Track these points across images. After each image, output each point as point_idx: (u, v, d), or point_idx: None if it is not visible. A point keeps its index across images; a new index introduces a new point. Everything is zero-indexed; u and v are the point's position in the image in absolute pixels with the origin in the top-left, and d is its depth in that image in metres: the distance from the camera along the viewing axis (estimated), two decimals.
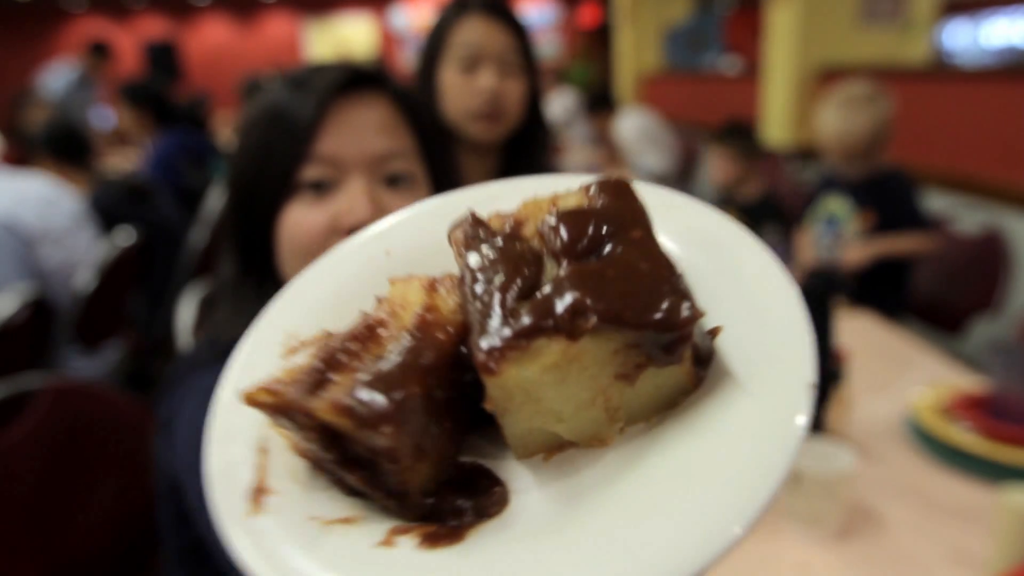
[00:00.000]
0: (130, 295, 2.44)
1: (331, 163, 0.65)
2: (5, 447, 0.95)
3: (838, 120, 2.03)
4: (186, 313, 1.37)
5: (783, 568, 0.85)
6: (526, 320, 0.21)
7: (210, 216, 2.68)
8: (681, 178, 4.16)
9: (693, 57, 6.17)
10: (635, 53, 6.94)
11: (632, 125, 4.20)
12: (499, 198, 0.30)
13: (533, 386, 0.22)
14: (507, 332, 0.21)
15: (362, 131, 0.66)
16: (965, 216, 2.22)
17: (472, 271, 0.23)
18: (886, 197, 2.03)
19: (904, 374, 1.36)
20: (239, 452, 0.25)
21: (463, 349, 0.23)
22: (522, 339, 0.21)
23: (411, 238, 0.31)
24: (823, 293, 0.97)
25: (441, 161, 0.74)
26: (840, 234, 2.09)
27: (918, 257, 2.04)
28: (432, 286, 0.25)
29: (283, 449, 0.25)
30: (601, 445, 0.23)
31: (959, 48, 7.55)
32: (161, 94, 3.48)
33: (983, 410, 1.07)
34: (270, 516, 0.23)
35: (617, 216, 0.24)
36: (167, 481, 0.72)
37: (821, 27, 3.72)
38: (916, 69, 3.25)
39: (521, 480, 0.23)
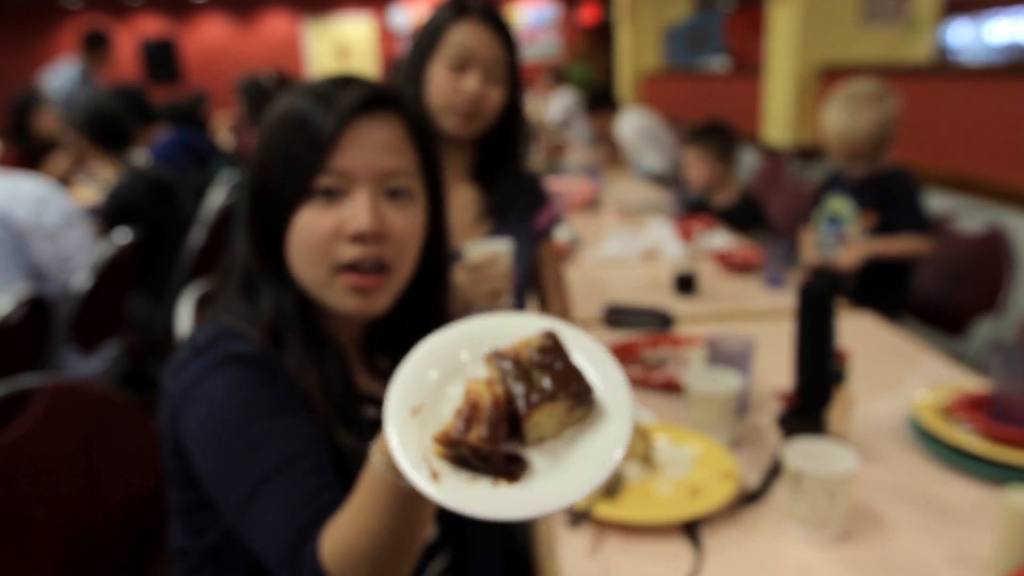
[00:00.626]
0: (130, 294, 2.43)
1: (343, 175, 0.73)
2: (3, 446, 0.95)
3: (842, 118, 1.99)
4: (186, 313, 1.36)
5: (784, 570, 0.85)
6: (536, 397, 0.52)
7: (209, 216, 2.67)
8: (680, 178, 4.15)
9: (694, 56, 6.16)
10: (635, 52, 6.93)
11: (632, 125, 4.19)
12: (496, 334, 0.58)
13: (540, 422, 0.53)
14: (532, 400, 0.52)
15: (374, 149, 0.74)
16: (968, 216, 2.21)
17: (507, 376, 0.53)
18: (888, 197, 2.01)
19: (906, 375, 1.35)
20: (414, 458, 0.51)
21: (510, 408, 0.53)
22: (536, 404, 0.52)
23: (448, 349, 0.59)
24: (825, 293, 0.97)
25: (437, 179, 0.83)
26: (842, 234, 2.08)
27: (916, 259, 2.02)
28: (490, 383, 0.54)
29: (435, 455, 0.52)
30: (557, 436, 0.54)
31: (961, 48, 7.54)
32: (138, 98, 3.42)
33: (985, 411, 1.06)
34: (444, 481, 0.50)
35: (556, 350, 0.55)
36: (174, 447, 0.77)
37: (822, 26, 3.72)
38: (918, 67, 3.25)
39: (531, 454, 0.53)
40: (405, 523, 0.60)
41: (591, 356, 0.56)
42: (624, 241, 2.25)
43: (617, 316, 1.62)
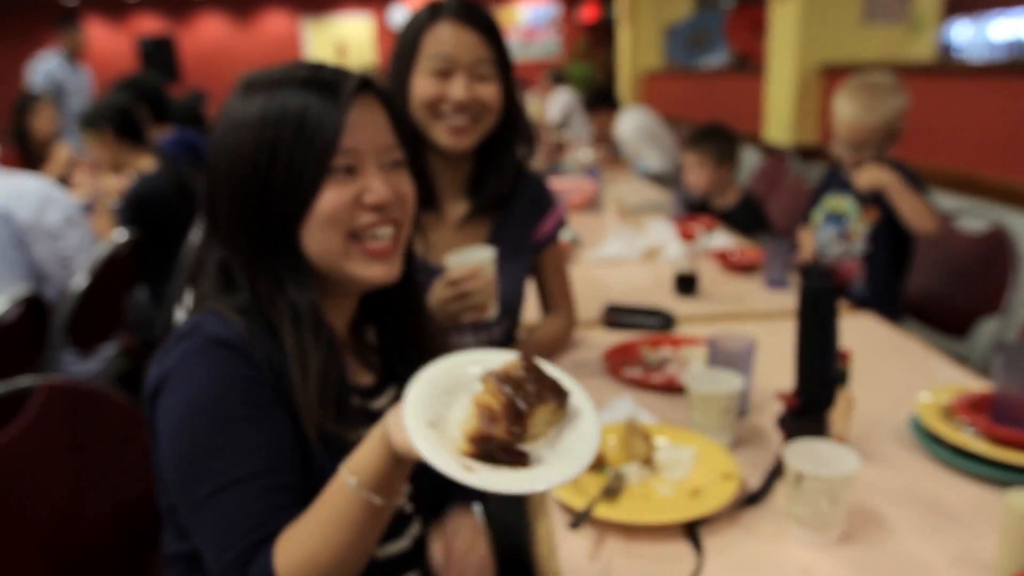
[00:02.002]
0: (130, 294, 2.41)
1: (354, 153, 0.81)
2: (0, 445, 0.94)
3: (855, 106, 1.95)
4: (183, 313, 1.35)
5: (785, 571, 0.84)
6: (533, 400, 0.65)
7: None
8: (680, 178, 4.13)
9: (694, 55, 6.15)
10: (635, 51, 6.92)
11: (631, 124, 4.18)
12: (479, 361, 0.72)
13: (534, 420, 0.65)
14: (530, 402, 0.65)
15: (372, 127, 0.83)
16: (971, 216, 2.20)
17: (504, 387, 0.65)
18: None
19: (907, 375, 1.35)
20: (446, 459, 0.61)
21: (513, 411, 0.65)
22: (534, 405, 0.65)
23: (443, 375, 0.70)
24: (827, 292, 0.96)
25: (415, 152, 0.92)
26: (846, 232, 2.07)
27: (918, 231, 1.92)
28: (493, 394, 0.65)
29: (461, 455, 0.63)
30: (545, 433, 0.67)
31: (964, 45, 7.52)
32: (156, 94, 3.41)
33: (987, 412, 1.06)
34: (476, 472, 0.61)
35: (534, 368, 0.67)
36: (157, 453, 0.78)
37: (823, 25, 3.70)
38: (920, 66, 3.23)
39: (531, 448, 0.65)
40: (368, 536, 0.69)
41: (555, 373, 0.70)
42: (624, 241, 2.24)
43: (617, 316, 1.62)
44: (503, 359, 0.70)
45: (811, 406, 0.99)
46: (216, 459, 0.71)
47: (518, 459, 0.63)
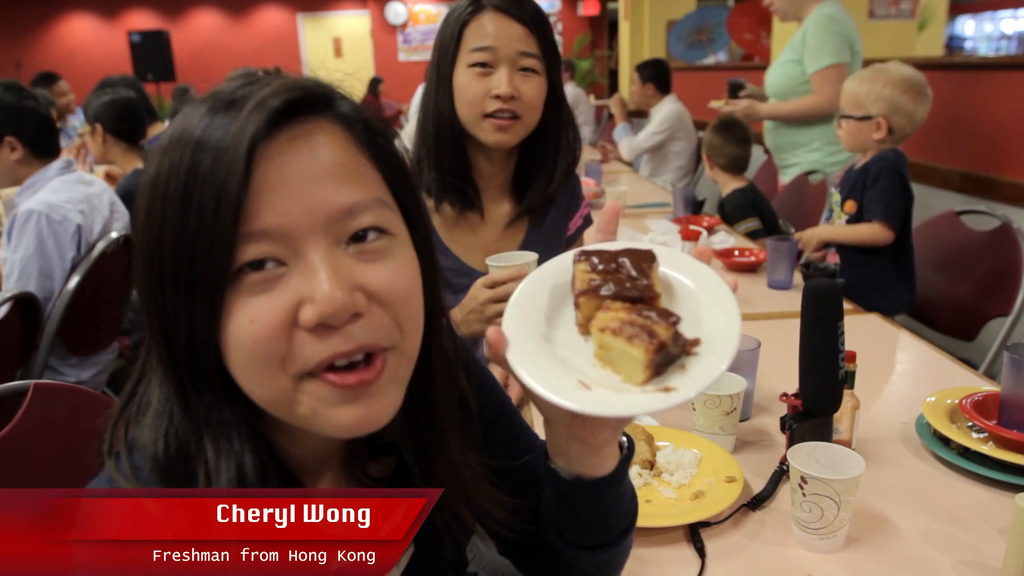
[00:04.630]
0: (126, 298, 2.37)
1: (277, 236, 0.47)
2: None
3: (863, 75, 1.97)
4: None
5: (788, 575, 0.83)
6: (645, 282, 0.57)
7: None
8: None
9: (697, 52, 6.11)
10: (635, 46, 6.90)
11: (673, 112, 4.12)
12: (555, 270, 0.63)
13: (661, 295, 0.58)
14: (647, 286, 0.57)
15: (310, 183, 0.48)
16: (980, 216, 2.17)
17: (606, 292, 0.57)
18: (866, 182, 1.98)
19: (913, 377, 1.34)
20: (654, 397, 0.51)
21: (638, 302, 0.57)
22: (650, 284, 0.57)
23: (546, 274, 0.63)
24: (832, 292, 0.95)
25: (417, 205, 0.56)
26: (830, 222, 2.09)
27: (872, 246, 1.97)
28: (596, 306, 0.57)
29: (643, 387, 0.52)
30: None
31: (970, 40, 7.49)
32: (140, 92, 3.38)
33: (995, 414, 1.05)
34: (679, 387, 0.51)
35: (604, 255, 0.60)
36: None
37: None
38: (924, 61, 3.21)
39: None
40: None
41: (617, 245, 0.63)
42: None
43: None
44: (561, 269, 0.60)
45: (816, 408, 0.97)
46: None
47: (691, 343, 0.52)
